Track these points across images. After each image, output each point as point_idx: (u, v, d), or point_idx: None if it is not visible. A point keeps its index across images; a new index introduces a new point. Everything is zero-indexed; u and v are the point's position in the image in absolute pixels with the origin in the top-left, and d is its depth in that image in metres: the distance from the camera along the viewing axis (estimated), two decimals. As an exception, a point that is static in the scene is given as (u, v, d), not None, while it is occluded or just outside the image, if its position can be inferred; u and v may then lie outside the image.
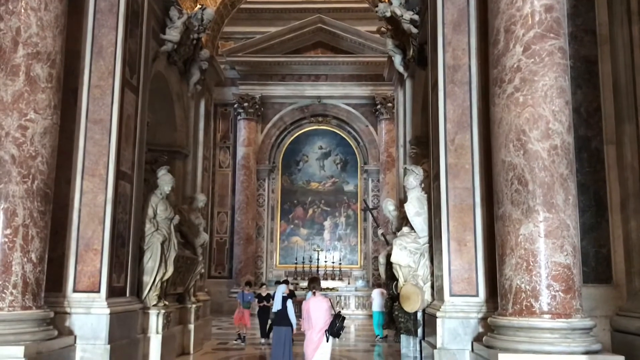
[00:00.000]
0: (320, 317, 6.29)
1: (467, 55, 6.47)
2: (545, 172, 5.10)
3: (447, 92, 6.47)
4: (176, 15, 8.35)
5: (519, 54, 5.33)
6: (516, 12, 5.41)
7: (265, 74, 19.10)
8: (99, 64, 6.62)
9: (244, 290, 11.58)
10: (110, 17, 6.69)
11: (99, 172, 6.48)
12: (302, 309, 6.51)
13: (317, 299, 6.45)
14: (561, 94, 5.28)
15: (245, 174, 18.55)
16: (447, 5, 6.55)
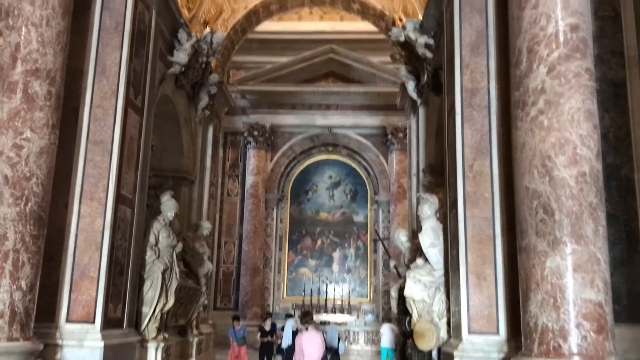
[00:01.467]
0: (314, 351, 6.07)
1: (485, 78, 6.17)
2: (573, 200, 4.73)
3: (465, 117, 6.15)
4: (185, 38, 8.15)
5: (543, 75, 5.02)
6: (540, 31, 5.12)
7: (276, 103, 18.92)
8: (102, 84, 6.38)
9: (234, 326, 10.00)
10: (116, 36, 6.47)
11: (98, 195, 6.17)
12: (296, 343, 6.27)
13: (310, 333, 6.23)
14: (589, 117, 4.94)
15: (253, 203, 18.21)
16: (465, 26, 6.28)
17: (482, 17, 6.24)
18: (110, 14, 6.50)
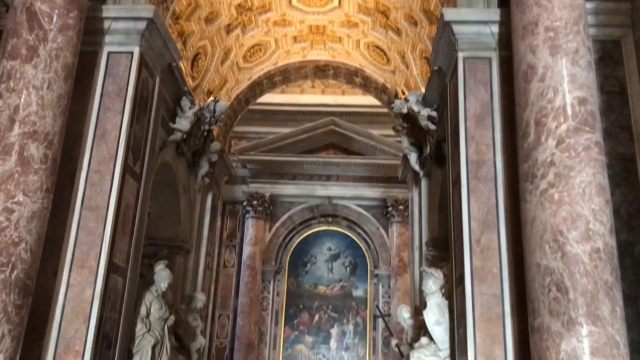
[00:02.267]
0: None
1: (491, 151, 6.07)
2: (588, 278, 4.50)
3: (471, 189, 5.99)
4: (188, 105, 8.13)
5: (552, 148, 4.91)
6: (547, 104, 5.06)
7: (277, 173, 18.88)
8: (101, 148, 6.26)
9: None
10: (117, 101, 6.42)
11: (90, 263, 5.91)
12: None
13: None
14: (600, 191, 4.79)
15: (250, 275, 17.78)
16: (470, 99, 6.24)
17: (487, 89, 6.22)
18: (114, 80, 6.47)
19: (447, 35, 6.43)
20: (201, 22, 8.64)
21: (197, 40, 8.83)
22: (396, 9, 8.70)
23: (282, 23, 9.82)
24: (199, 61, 9.19)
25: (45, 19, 5.50)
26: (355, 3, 9.23)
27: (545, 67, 5.15)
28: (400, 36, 9.13)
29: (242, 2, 8.97)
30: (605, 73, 5.86)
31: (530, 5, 5.39)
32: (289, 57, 10.63)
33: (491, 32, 6.28)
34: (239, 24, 9.40)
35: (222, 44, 9.40)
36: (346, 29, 9.88)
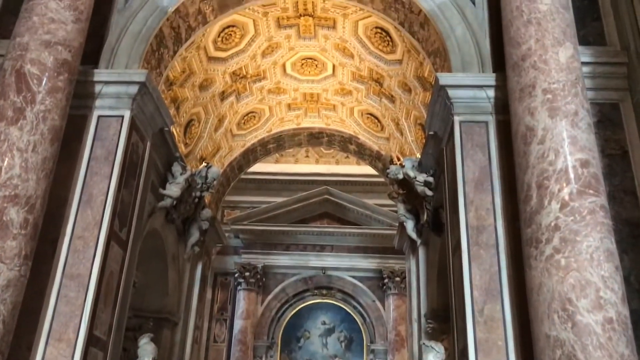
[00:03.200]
0: None
1: (492, 216, 5.84)
2: (602, 351, 4.19)
3: (472, 256, 5.72)
4: (179, 171, 7.95)
5: (555, 212, 4.71)
6: (548, 166, 4.90)
7: (270, 243, 18.52)
8: (86, 214, 6.00)
9: None
10: (106, 165, 6.22)
11: (68, 336, 5.51)
12: None
13: None
14: (609, 257, 4.56)
15: (241, 350, 17.06)
16: (467, 162, 6.08)
17: (485, 153, 6.07)
18: (102, 144, 6.31)
19: (443, 99, 6.36)
20: (195, 88, 8.63)
21: (191, 107, 8.78)
22: (390, 76, 8.73)
23: (277, 91, 9.85)
24: (192, 128, 9.11)
25: (34, 81, 5.41)
26: (349, 71, 9.29)
27: (544, 129, 5.04)
28: (394, 103, 9.13)
29: (237, 69, 9.00)
30: (605, 136, 5.75)
31: (527, 68, 5.35)
32: (283, 125, 10.60)
33: (487, 96, 6.21)
34: (233, 92, 9.40)
35: (216, 110, 9.36)
36: (340, 96, 9.90)
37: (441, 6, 6.67)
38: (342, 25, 8.25)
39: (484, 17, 6.62)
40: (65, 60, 5.68)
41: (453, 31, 6.56)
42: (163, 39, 7.00)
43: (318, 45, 8.85)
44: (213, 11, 7.35)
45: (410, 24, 7.11)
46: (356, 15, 7.99)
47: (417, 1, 6.73)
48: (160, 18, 6.82)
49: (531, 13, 5.51)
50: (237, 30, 8.29)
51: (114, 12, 6.86)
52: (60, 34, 5.71)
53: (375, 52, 8.53)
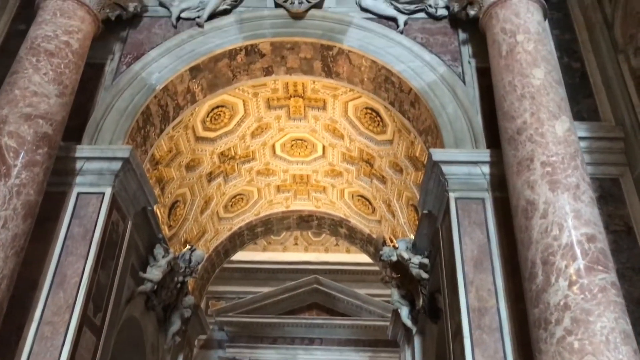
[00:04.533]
0: None
1: (494, 297, 5.46)
2: None
3: (474, 341, 5.28)
4: (161, 254, 7.56)
5: (564, 289, 4.39)
6: (553, 241, 4.63)
7: (256, 336, 17.69)
8: (58, 296, 5.54)
9: None
10: (82, 245, 5.83)
11: None
12: None
13: None
14: (626, 339, 4.19)
15: None
16: (465, 240, 5.79)
17: (483, 231, 5.80)
18: (81, 222, 5.96)
19: (437, 176, 6.17)
20: (182, 169, 8.43)
21: (177, 188, 8.54)
22: (380, 157, 8.62)
23: (266, 172, 9.68)
24: (177, 209, 8.81)
25: (10, 154, 5.16)
26: (339, 152, 9.18)
27: (546, 202, 4.82)
28: (386, 184, 8.95)
29: (225, 150, 8.86)
30: (608, 212, 5.53)
31: (524, 142, 5.21)
32: (272, 207, 10.35)
33: (482, 173, 6.03)
34: (221, 173, 9.21)
35: (203, 192, 9.12)
36: (330, 178, 9.74)
37: (431, 85, 6.64)
38: (332, 106, 8.23)
39: (475, 95, 6.57)
40: (46, 133, 5.46)
41: (444, 109, 6.49)
42: (150, 116, 6.86)
43: (308, 126, 8.79)
44: (202, 90, 7.29)
45: (401, 103, 7.06)
46: (346, 96, 7.98)
47: (407, 80, 6.70)
48: (148, 95, 6.71)
49: (524, 87, 5.46)
50: (227, 110, 8.22)
51: (101, 89, 6.75)
52: (43, 107, 5.54)
53: (365, 132, 8.46)
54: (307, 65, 7.30)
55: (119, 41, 7.07)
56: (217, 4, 7.10)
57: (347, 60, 7.05)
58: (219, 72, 7.19)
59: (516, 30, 5.80)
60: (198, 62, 6.93)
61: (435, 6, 7.07)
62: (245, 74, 7.36)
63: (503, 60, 5.75)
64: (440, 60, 6.77)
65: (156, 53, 6.94)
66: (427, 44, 6.92)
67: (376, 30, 6.97)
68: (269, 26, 7.08)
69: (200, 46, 6.98)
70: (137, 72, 6.81)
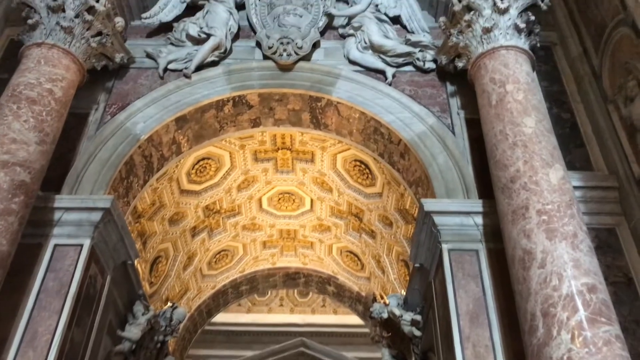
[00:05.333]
0: None
1: (492, 353, 5.17)
2: None
3: (475, 402, 4.99)
4: (141, 311, 7.19)
5: (567, 343, 4.15)
6: (553, 292, 4.43)
7: (239, 405, 16.92)
8: (27, 356, 5.15)
9: None
10: (57, 299, 5.49)
11: None
12: None
13: None
14: (636, 398, 3.93)
15: None
16: (460, 294, 5.55)
17: (478, 284, 5.57)
18: (56, 275, 5.64)
19: (428, 227, 6.00)
20: (165, 222, 8.17)
21: (159, 242, 8.25)
22: (370, 210, 8.45)
23: (252, 227, 9.44)
24: (158, 265, 8.50)
25: (-17, 202, 4.92)
26: (328, 206, 9.01)
27: (544, 252, 4.64)
28: (375, 239, 8.75)
29: (210, 204, 8.65)
30: (606, 262, 5.35)
31: (517, 190, 5.08)
32: (258, 264, 10.05)
33: (475, 224, 5.88)
34: (205, 227, 8.96)
35: (186, 247, 8.83)
36: (318, 233, 9.52)
37: (421, 135, 6.57)
38: (320, 158, 8.12)
39: (465, 146, 6.51)
40: (23, 182, 5.25)
41: (435, 159, 6.40)
42: (133, 167, 6.68)
43: (296, 179, 8.64)
44: (188, 141, 7.15)
45: (390, 154, 6.97)
46: (335, 149, 7.89)
47: (396, 131, 6.64)
48: (132, 145, 6.55)
49: (516, 136, 5.38)
50: (213, 162, 8.07)
51: (84, 139, 6.58)
52: (21, 154, 5.34)
53: (354, 185, 8.32)
54: (295, 117, 7.23)
55: (104, 91, 6.97)
56: (205, 56, 7.06)
57: (336, 112, 6.99)
58: (205, 123, 7.08)
59: (505, 80, 5.78)
60: (184, 113, 6.82)
61: (423, 59, 7.09)
62: (232, 125, 7.26)
63: (493, 109, 5.71)
64: (429, 112, 6.74)
65: (142, 103, 6.84)
66: (416, 95, 6.90)
67: (365, 82, 6.96)
68: (257, 77, 7.05)
69: (187, 97, 6.89)
70: (121, 122, 6.68)
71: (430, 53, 7.08)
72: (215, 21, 7.23)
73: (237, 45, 7.38)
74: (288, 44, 7.01)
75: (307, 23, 7.31)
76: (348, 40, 7.28)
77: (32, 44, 6.13)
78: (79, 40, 6.33)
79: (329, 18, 7.45)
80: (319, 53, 7.26)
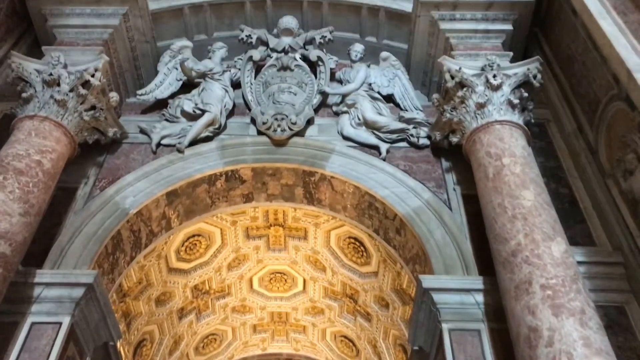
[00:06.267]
0: None
1: None
2: None
3: None
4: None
5: None
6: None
7: None
8: None
9: None
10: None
11: None
12: None
13: None
14: None
15: None
16: (458, 353, 5.24)
17: (481, 367, 5.24)
18: (31, 355, 5.23)
19: (427, 305, 5.71)
20: (151, 303, 7.82)
21: (144, 324, 7.86)
22: (365, 291, 8.14)
23: (242, 309, 9.06)
24: (143, 349, 8.05)
25: (-42, 275, 4.66)
26: (321, 287, 8.69)
27: (550, 329, 4.37)
28: (371, 322, 8.37)
29: (199, 283, 8.33)
30: (617, 343, 5.01)
31: (519, 264, 4.88)
32: (247, 350, 9.58)
33: (476, 302, 5.60)
34: (193, 309, 8.58)
35: (173, 330, 8.41)
36: (311, 316, 9.13)
37: (417, 210, 6.42)
38: (313, 235, 7.91)
39: (462, 221, 6.34)
40: (3, 253, 5.02)
41: (432, 234, 6.21)
42: (120, 242, 6.45)
43: (288, 258, 8.38)
44: (179, 217, 6.97)
45: (386, 230, 6.79)
46: (328, 225, 7.70)
47: (391, 206, 6.49)
48: (120, 219, 6.35)
49: (515, 209, 5.24)
50: (203, 239, 7.84)
51: (70, 214, 6.39)
52: (3, 225, 5.14)
53: (348, 264, 8.06)
54: (288, 192, 7.11)
55: (95, 166, 6.86)
56: (199, 131, 7.04)
57: (330, 187, 6.88)
58: (197, 198, 6.94)
59: (501, 154, 5.72)
60: (176, 187, 6.69)
61: (417, 136, 7.08)
62: (224, 200, 7.12)
63: (490, 182, 5.61)
64: (424, 187, 6.64)
65: (132, 177, 6.72)
66: (411, 171, 6.82)
67: (358, 157, 6.90)
68: (250, 152, 6.99)
69: (179, 171, 6.79)
70: (110, 196, 6.52)
71: (424, 130, 7.08)
72: (211, 98, 7.26)
73: (232, 122, 7.38)
74: (282, 120, 7.01)
75: (302, 101, 7.35)
76: (342, 117, 7.30)
77: (25, 117, 6.09)
78: (72, 113, 6.30)
79: (323, 96, 7.50)
80: (313, 129, 7.26)
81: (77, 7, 7.25)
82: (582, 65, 6.46)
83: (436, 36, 7.33)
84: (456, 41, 7.12)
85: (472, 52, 6.96)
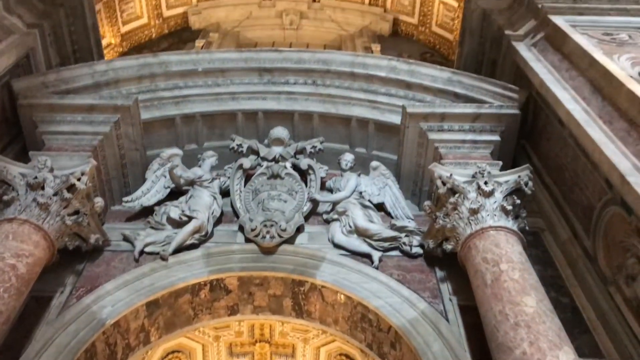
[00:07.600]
0: None
1: None
2: None
3: None
4: None
5: None
6: None
7: None
8: None
9: None
10: None
11: None
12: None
13: None
14: None
15: None
16: None
17: None
18: None
19: None
20: None
21: None
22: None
23: None
24: None
25: None
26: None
27: None
28: None
29: (176, 407, 7.63)
30: None
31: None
32: None
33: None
34: None
35: None
36: None
37: (413, 322, 6.07)
38: (302, 352, 7.42)
39: (461, 333, 5.99)
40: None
41: (429, 347, 5.82)
42: (95, 355, 5.95)
43: (275, 381, 7.79)
44: (158, 329, 6.53)
45: (380, 344, 6.38)
46: (318, 340, 7.25)
47: (386, 317, 6.15)
48: (96, 331, 5.91)
49: (517, 316, 4.97)
50: (183, 356, 7.32)
51: (42, 324, 5.95)
52: (-33, 333, 4.74)
53: (340, 385, 7.50)
54: (276, 304, 6.75)
55: (73, 274, 6.52)
56: (185, 238, 6.81)
57: (320, 297, 6.55)
58: (178, 310, 6.55)
59: (499, 260, 5.54)
60: (157, 297, 6.33)
61: (409, 244, 6.89)
62: (207, 312, 6.72)
63: (489, 289, 5.36)
64: (419, 297, 6.33)
65: (112, 286, 6.36)
66: (404, 280, 6.55)
67: (350, 266, 6.65)
68: (237, 260, 6.71)
69: (162, 279, 6.46)
70: (87, 305, 6.12)
71: (417, 238, 6.91)
72: (198, 205, 7.11)
73: (219, 230, 7.17)
74: (272, 227, 6.82)
75: (292, 208, 7.22)
76: (332, 224, 7.14)
77: (4, 219, 5.87)
78: (53, 217, 6.08)
79: (314, 204, 7.39)
80: (303, 237, 7.05)
81: (69, 114, 7.29)
82: (572, 173, 6.47)
83: (425, 146, 7.40)
84: (445, 150, 7.18)
85: (461, 161, 7.00)
